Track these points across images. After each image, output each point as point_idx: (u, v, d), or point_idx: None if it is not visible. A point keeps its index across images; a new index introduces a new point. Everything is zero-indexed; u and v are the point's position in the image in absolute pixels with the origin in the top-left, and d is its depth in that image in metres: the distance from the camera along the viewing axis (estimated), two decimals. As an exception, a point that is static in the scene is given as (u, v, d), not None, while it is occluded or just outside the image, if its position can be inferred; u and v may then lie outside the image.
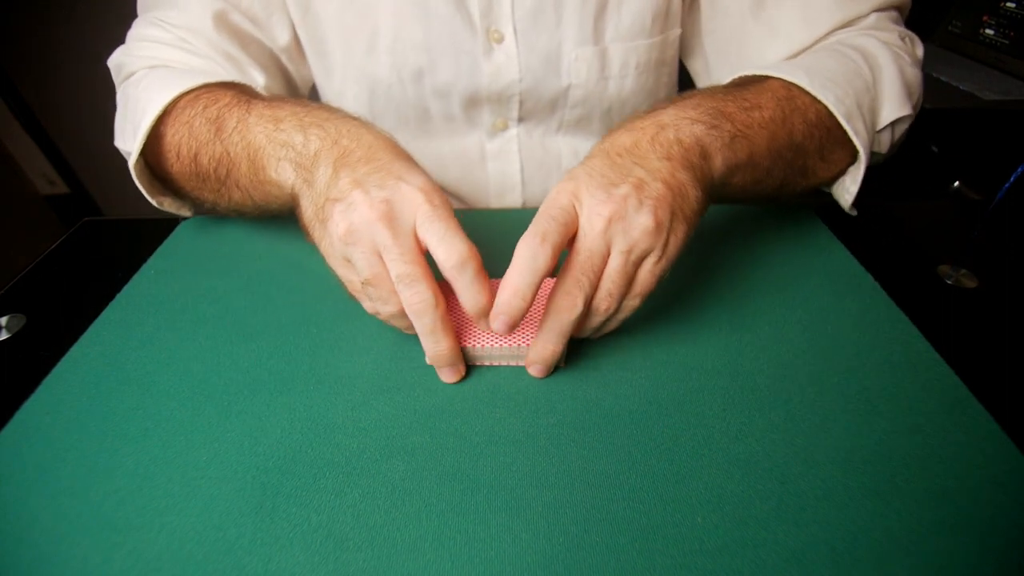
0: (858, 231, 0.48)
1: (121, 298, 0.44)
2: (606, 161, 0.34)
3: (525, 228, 0.31)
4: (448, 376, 0.36)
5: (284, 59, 0.56)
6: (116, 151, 0.50)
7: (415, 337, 0.38)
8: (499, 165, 0.61)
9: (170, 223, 0.53)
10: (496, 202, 0.64)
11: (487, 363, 0.37)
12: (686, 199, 0.33)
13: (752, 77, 0.43)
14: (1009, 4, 0.99)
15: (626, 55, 0.55)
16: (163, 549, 0.27)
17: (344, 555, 0.27)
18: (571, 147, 0.62)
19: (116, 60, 0.51)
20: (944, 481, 0.29)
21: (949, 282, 0.42)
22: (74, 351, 0.39)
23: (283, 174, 0.37)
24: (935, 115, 0.90)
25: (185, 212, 0.52)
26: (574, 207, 0.32)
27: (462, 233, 0.31)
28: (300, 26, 0.54)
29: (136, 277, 0.46)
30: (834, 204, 0.49)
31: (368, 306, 0.36)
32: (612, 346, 0.38)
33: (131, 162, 0.45)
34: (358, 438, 0.32)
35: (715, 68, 0.57)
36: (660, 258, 0.33)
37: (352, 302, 0.37)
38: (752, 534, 0.27)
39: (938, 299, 0.41)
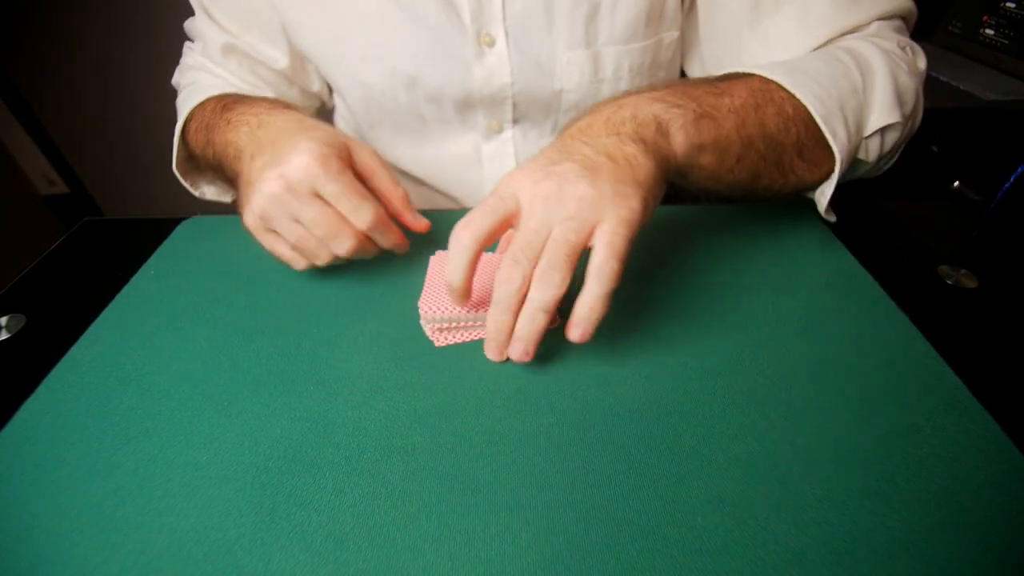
0: (858, 231, 0.48)
1: (121, 298, 0.44)
2: (556, 144, 0.35)
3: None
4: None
5: (291, 75, 0.60)
6: (116, 151, 0.51)
7: (415, 337, 0.39)
8: (495, 167, 0.61)
9: (170, 223, 0.53)
10: None
11: (457, 330, 0.39)
12: (635, 168, 0.33)
13: (733, 74, 0.43)
14: (1009, 4, 0.99)
15: (619, 58, 0.54)
16: (163, 549, 0.27)
17: (344, 555, 0.27)
18: None
19: (174, 80, 0.63)
20: (944, 481, 0.29)
21: (949, 282, 0.42)
22: (74, 351, 0.39)
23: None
24: (935, 115, 0.89)
25: (226, 198, 0.59)
26: (514, 195, 0.33)
27: (358, 189, 0.38)
28: (297, 43, 0.56)
29: (136, 277, 0.46)
30: (834, 205, 0.49)
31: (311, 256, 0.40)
32: (612, 346, 0.38)
33: (174, 166, 0.55)
34: (358, 438, 0.32)
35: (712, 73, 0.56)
36: (616, 223, 0.31)
37: (352, 304, 0.36)
38: (752, 534, 0.27)
39: (938, 299, 0.41)
